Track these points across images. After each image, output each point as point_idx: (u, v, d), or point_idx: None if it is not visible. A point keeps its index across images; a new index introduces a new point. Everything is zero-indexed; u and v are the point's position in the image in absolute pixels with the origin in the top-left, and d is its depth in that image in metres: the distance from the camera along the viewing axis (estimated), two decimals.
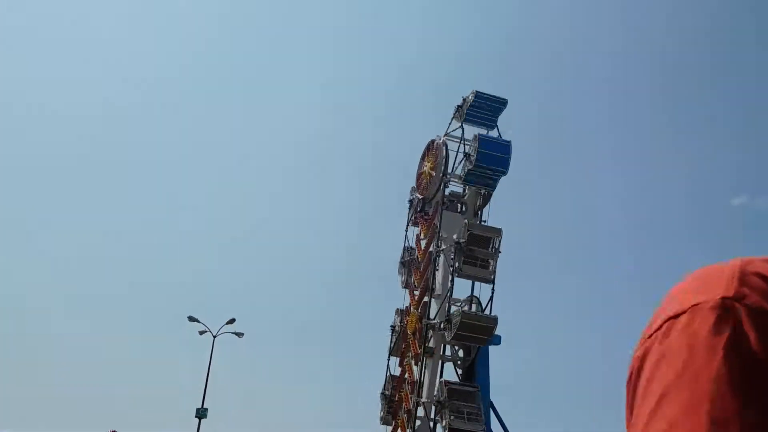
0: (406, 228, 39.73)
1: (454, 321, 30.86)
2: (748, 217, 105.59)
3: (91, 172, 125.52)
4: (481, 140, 31.80)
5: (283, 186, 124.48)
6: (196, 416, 37.11)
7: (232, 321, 39.53)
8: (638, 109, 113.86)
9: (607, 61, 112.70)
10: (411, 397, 32.04)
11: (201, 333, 39.38)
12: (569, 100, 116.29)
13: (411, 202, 39.94)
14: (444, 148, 36.59)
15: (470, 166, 32.82)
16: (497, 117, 34.09)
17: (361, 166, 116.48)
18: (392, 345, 37.24)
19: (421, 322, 32.68)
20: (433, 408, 29.60)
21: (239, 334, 40.32)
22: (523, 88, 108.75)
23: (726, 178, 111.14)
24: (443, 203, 35.22)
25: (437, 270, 33.89)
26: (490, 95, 34.80)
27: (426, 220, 36.98)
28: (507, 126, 37.12)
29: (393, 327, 37.50)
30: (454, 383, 31.18)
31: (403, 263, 38.82)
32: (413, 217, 39.03)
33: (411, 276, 36.80)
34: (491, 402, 30.46)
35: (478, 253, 30.57)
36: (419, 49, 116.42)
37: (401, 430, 32.60)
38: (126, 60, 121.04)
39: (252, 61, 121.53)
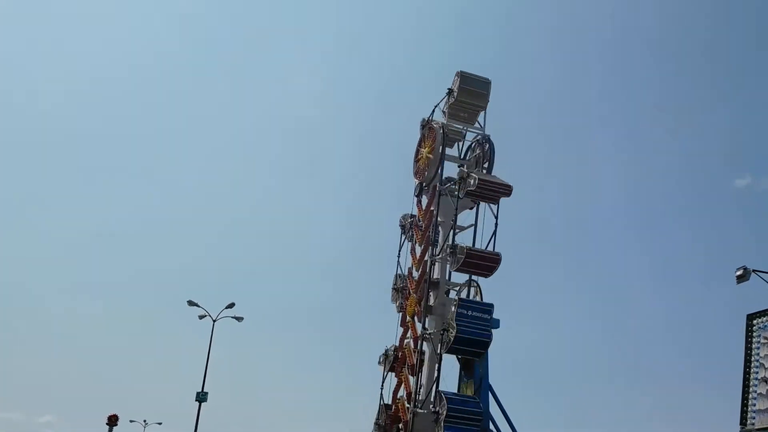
0: (398, 252, 37.50)
1: (458, 256, 31.76)
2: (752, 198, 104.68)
3: (88, 158, 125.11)
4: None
5: (283, 170, 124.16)
6: (196, 400, 37.36)
7: (231, 305, 39.75)
8: (635, 90, 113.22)
9: (607, 23, 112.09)
10: (408, 408, 32.01)
11: (201, 317, 39.63)
12: (567, 86, 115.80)
13: (403, 227, 37.83)
14: (440, 130, 34.84)
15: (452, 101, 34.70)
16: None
17: (360, 149, 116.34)
18: (385, 373, 35.51)
19: (420, 305, 31.58)
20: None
21: (239, 318, 40.61)
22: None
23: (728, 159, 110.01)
24: (441, 186, 33.42)
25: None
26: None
27: (420, 229, 35.37)
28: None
29: (386, 352, 35.63)
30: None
31: (396, 289, 36.84)
32: (410, 232, 36.72)
33: (405, 300, 35.45)
34: (490, 385, 30.65)
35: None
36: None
37: None
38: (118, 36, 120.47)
39: (245, 41, 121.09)
